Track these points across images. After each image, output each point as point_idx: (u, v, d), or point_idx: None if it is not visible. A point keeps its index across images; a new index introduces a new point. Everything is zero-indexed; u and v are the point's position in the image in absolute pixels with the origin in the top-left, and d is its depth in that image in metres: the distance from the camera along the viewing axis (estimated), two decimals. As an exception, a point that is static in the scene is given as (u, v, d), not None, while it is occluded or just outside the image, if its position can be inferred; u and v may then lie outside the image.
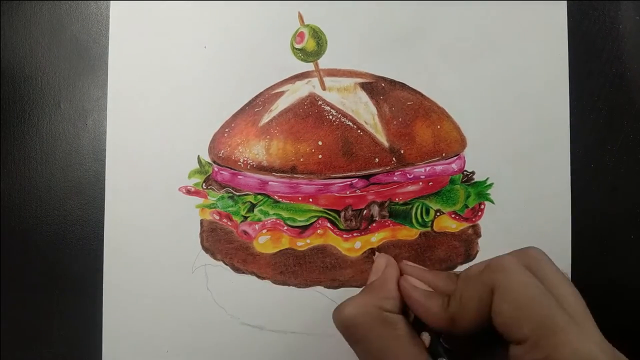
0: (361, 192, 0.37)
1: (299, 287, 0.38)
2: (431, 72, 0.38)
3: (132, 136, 0.38)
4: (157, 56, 0.38)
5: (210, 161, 0.38)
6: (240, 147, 0.38)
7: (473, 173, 0.38)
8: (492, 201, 0.38)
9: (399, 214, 0.38)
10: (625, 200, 0.39)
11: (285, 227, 0.38)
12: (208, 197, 0.38)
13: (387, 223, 0.38)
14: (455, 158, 0.38)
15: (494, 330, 0.24)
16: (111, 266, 0.38)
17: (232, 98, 0.38)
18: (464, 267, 0.38)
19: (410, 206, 0.38)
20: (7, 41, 0.39)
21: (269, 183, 0.37)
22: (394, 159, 0.37)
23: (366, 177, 0.37)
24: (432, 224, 0.38)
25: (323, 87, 0.38)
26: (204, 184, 0.38)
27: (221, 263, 0.38)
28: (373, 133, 0.37)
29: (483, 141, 0.38)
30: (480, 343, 0.26)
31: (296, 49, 0.38)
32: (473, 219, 0.38)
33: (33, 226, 0.39)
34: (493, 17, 0.38)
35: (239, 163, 0.37)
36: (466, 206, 0.38)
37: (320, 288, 0.38)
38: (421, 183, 0.38)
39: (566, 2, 0.39)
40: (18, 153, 0.39)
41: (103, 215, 0.38)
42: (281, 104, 0.38)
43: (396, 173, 0.37)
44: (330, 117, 0.37)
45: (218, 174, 0.38)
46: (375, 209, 0.38)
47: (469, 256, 0.38)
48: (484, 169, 0.38)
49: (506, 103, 0.38)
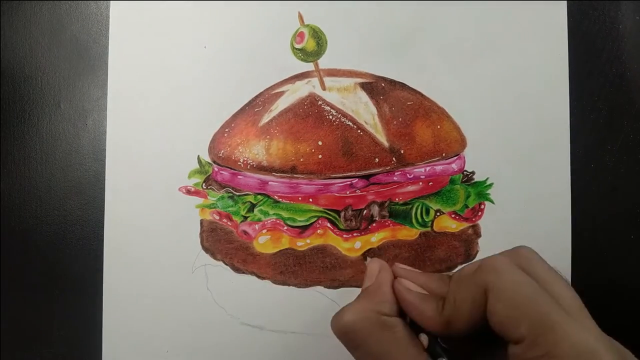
0: (361, 192, 0.37)
1: (299, 287, 0.38)
2: (431, 72, 0.38)
3: (132, 136, 0.38)
4: (157, 56, 0.38)
5: (210, 161, 0.38)
6: (240, 147, 0.38)
7: (473, 173, 0.38)
8: (492, 201, 0.38)
9: (399, 214, 0.38)
10: (625, 200, 0.39)
11: (285, 227, 0.38)
12: (208, 197, 0.38)
13: (387, 223, 0.38)
14: (455, 158, 0.38)
15: (491, 330, 0.24)
16: (111, 266, 0.38)
17: (232, 98, 0.38)
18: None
19: (410, 206, 0.38)
20: (7, 41, 0.39)
21: (269, 183, 0.37)
22: (394, 159, 0.37)
23: (366, 177, 0.37)
24: (432, 224, 0.38)
25: (323, 87, 0.38)
26: (204, 184, 0.38)
27: (221, 263, 0.38)
28: (373, 133, 0.37)
29: (483, 141, 0.38)
30: (478, 341, 0.26)
31: (296, 49, 0.38)
32: (473, 219, 0.38)
33: (33, 226, 0.39)
34: (493, 17, 0.38)
35: (239, 163, 0.37)
36: (466, 206, 0.38)
37: (320, 288, 0.38)
38: (421, 183, 0.38)
39: (566, 2, 0.39)
40: (18, 153, 0.39)
41: (103, 215, 0.38)
42: (281, 104, 0.38)
43: (396, 173, 0.37)
44: (330, 117, 0.37)
45: (218, 174, 0.38)
46: (375, 209, 0.38)
47: (469, 256, 0.38)
48: (484, 169, 0.38)
49: (506, 103, 0.38)
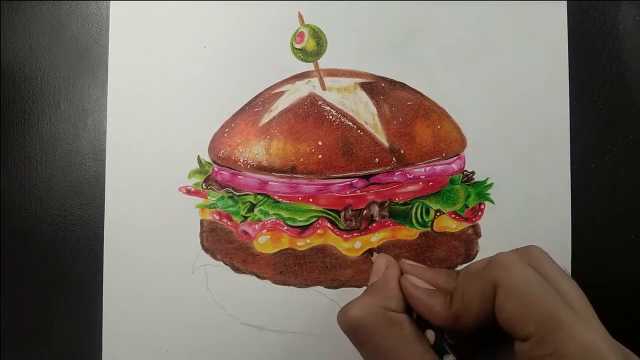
0: (361, 192, 0.37)
1: (299, 287, 0.38)
2: (431, 72, 0.38)
3: (132, 136, 0.38)
4: (157, 56, 0.38)
5: (210, 161, 0.38)
6: (240, 147, 0.38)
7: (473, 173, 0.38)
8: (492, 201, 0.38)
9: (399, 214, 0.38)
10: (625, 200, 0.39)
11: (285, 227, 0.38)
12: (208, 197, 0.38)
13: (387, 223, 0.38)
14: (455, 158, 0.38)
15: (498, 326, 0.24)
16: (111, 266, 0.38)
17: (232, 98, 0.38)
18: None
19: (410, 206, 0.38)
20: (7, 41, 0.39)
21: (269, 183, 0.37)
22: (394, 159, 0.37)
23: (366, 177, 0.37)
24: (432, 224, 0.38)
25: (323, 87, 0.38)
26: (204, 184, 0.38)
27: (221, 263, 0.38)
28: (373, 133, 0.37)
29: (483, 141, 0.38)
30: (484, 338, 0.26)
31: (296, 49, 0.38)
32: (473, 219, 0.38)
33: (33, 226, 0.39)
34: (493, 17, 0.38)
35: (239, 163, 0.37)
36: (466, 206, 0.38)
37: (320, 288, 0.38)
38: (421, 183, 0.38)
39: (566, 2, 0.39)
40: (18, 153, 0.39)
41: (103, 215, 0.38)
42: (281, 104, 0.38)
43: (396, 173, 0.37)
44: (330, 117, 0.37)
45: (218, 174, 0.38)
46: (375, 209, 0.38)
47: (469, 256, 0.38)
48: (484, 169, 0.38)
49: (506, 103, 0.38)
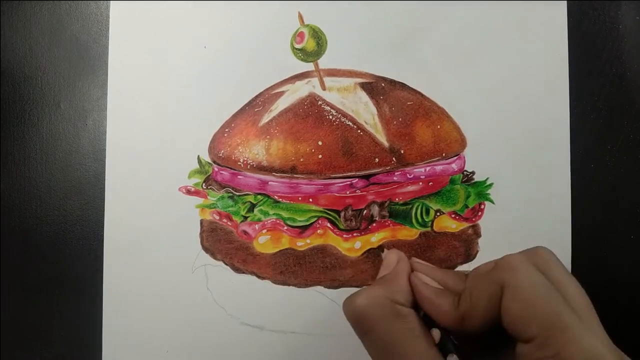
0: (361, 192, 0.37)
1: (299, 287, 0.38)
2: (431, 72, 0.38)
3: (132, 136, 0.38)
4: (157, 56, 0.38)
5: (210, 161, 0.38)
6: (240, 147, 0.38)
7: (473, 173, 0.38)
8: (492, 201, 0.38)
9: (399, 214, 0.38)
10: (625, 200, 0.39)
11: (285, 227, 0.38)
12: (208, 197, 0.38)
13: (387, 223, 0.38)
14: (455, 158, 0.38)
15: (502, 328, 0.24)
16: (111, 266, 0.38)
17: (232, 98, 0.38)
18: (464, 267, 0.38)
19: (410, 206, 0.38)
20: (7, 41, 0.39)
21: (269, 183, 0.37)
22: (394, 159, 0.37)
23: (366, 177, 0.37)
24: (432, 224, 0.38)
25: (323, 87, 0.38)
26: (204, 184, 0.38)
27: (221, 263, 0.38)
28: (373, 133, 0.37)
29: (483, 141, 0.38)
30: (488, 340, 0.26)
31: (296, 49, 0.38)
32: (473, 219, 0.38)
33: (33, 226, 0.39)
34: (493, 17, 0.38)
35: (239, 163, 0.37)
36: (466, 206, 0.38)
37: (320, 288, 0.38)
38: (421, 183, 0.38)
39: (566, 2, 0.39)
40: (18, 153, 0.39)
41: (103, 215, 0.38)
42: (281, 104, 0.38)
43: (396, 173, 0.37)
44: (330, 117, 0.37)
45: (218, 174, 0.38)
46: (375, 209, 0.38)
47: (469, 256, 0.38)
48: (484, 169, 0.38)
49: (506, 103, 0.38)
